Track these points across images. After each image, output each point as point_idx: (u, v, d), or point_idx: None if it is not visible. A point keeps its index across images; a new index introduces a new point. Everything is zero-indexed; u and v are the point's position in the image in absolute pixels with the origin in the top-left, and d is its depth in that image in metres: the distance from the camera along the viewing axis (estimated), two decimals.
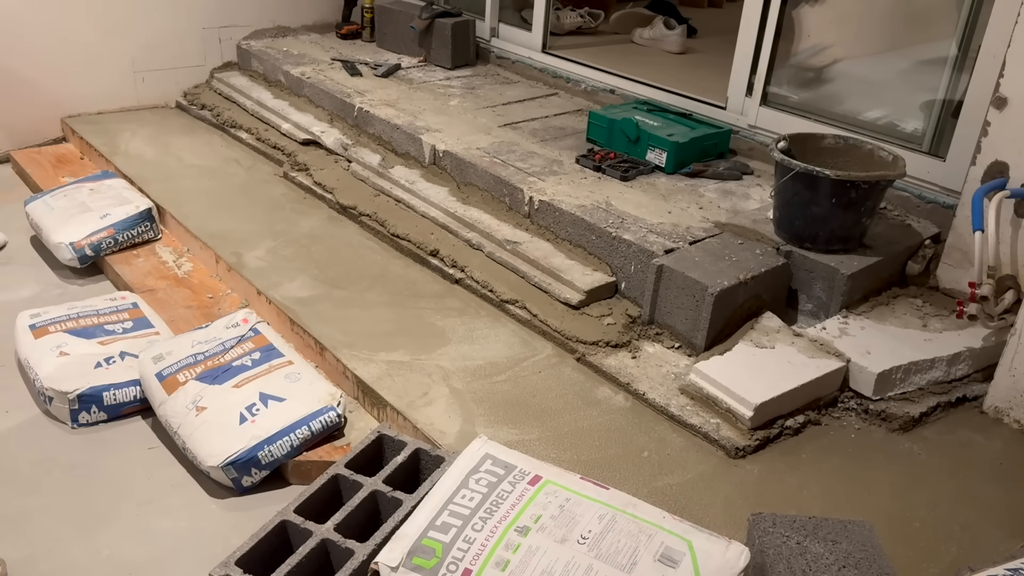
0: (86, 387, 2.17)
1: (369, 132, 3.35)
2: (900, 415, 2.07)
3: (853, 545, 1.52)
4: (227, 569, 1.52)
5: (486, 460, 1.64)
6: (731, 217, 2.54)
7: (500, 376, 2.19)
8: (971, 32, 2.47)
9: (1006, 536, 1.77)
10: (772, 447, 1.99)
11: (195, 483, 2.03)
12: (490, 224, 2.71)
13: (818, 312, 2.33)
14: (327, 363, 2.30)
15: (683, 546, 1.47)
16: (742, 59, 3.02)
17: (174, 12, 3.97)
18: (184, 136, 3.74)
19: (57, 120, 3.85)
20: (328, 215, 3.04)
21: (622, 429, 2.03)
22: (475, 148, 2.98)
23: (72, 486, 2.01)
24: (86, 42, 3.78)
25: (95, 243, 2.85)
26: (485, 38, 4.04)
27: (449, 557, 1.45)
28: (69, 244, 2.82)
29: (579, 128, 3.18)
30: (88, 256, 2.85)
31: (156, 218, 3.03)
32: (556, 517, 1.51)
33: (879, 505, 1.83)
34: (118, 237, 2.90)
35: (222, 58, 4.21)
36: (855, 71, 2.86)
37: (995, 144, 2.22)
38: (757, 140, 3.01)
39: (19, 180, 3.58)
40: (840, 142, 2.45)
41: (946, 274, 2.41)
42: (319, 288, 2.58)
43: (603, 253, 2.47)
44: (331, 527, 1.60)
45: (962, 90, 2.48)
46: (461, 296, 2.55)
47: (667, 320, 2.29)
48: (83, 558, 1.82)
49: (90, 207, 2.96)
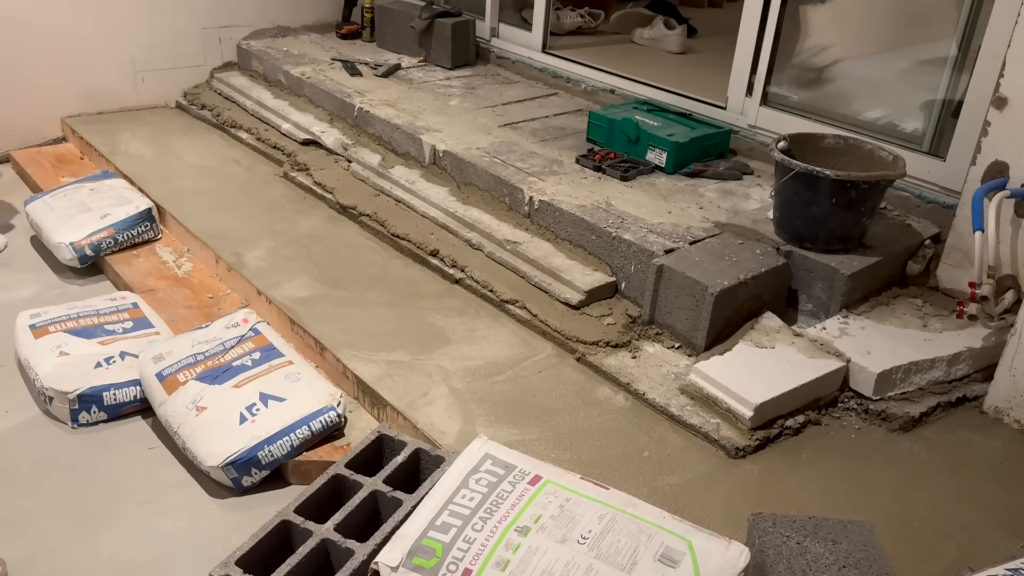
0: (86, 387, 2.17)
1: (369, 132, 3.35)
2: (900, 415, 2.07)
3: (853, 545, 1.52)
4: (227, 569, 1.52)
5: (486, 460, 1.64)
6: (731, 217, 2.54)
7: (500, 376, 2.19)
8: (971, 32, 2.47)
9: (1006, 536, 1.77)
10: (772, 447, 1.99)
11: (195, 483, 2.03)
12: (490, 224, 2.71)
13: (818, 312, 2.33)
14: (327, 363, 2.30)
15: (683, 546, 1.47)
16: (742, 59, 3.02)
17: (174, 12, 3.97)
18: (184, 136, 3.74)
19: (57, 120, 3.85)
20: (328, 215, 3.05)
21: (622, 429, 2.03)
22: (475, 148, 2.98)
23: (72, 486, 2.01)
24: (86, 42, 3.78)
25: (95, 243, 2.85)
26: (485, 38, 4.04)
27: (449, 557, 1.45)
28: (69, 244, 2.82)
29: (579, 128, 3.18)
30: (88, 256, 2.85)
31: (156, 218, 3.03)
32: (556, 517, 1.51)
33: (879, 505, 1.83)
34: (118, 237, 2.90)
35: (222, 58, 4.21)
36: (855, 71, 2.86)
37: (995, 144, 2.23)
38: (757, 140, 3.01)
39: (19, 180, 3.58)
40: (840, 142, 2.45)
41: (946, 274, 2.41)
42: (319, 288, 2.58)
43: (603, 253, 2.47)
44: (331, 527, 1.60)
45: (962, 90, 2.48)
46: (461, 296, 2.55)
47: (667, 320, 2.29)
48: (83, 558, 1.82)
49: (90, 207, 2.96)
